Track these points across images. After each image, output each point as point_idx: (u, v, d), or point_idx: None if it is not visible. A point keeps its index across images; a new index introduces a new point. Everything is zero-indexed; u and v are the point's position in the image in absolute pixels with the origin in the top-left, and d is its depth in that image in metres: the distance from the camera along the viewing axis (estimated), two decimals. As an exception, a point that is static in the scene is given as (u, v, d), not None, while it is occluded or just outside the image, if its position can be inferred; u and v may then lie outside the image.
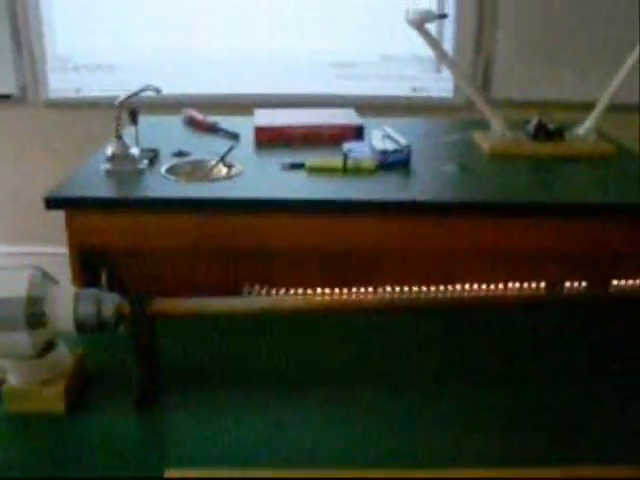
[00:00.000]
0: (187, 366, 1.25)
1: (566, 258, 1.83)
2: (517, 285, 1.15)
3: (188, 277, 1.70)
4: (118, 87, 2.47)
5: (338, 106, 2.50)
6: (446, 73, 3.29)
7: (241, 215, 1.74)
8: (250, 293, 1.15)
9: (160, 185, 1.85)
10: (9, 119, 3.24)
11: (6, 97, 3.19)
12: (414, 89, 3.34)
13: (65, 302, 1.11)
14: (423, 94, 3.32)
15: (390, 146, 2.00)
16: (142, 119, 2.08)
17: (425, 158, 2.07)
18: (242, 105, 2.58)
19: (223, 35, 3.18)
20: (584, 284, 1.15)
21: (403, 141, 2.01)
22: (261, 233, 1.72)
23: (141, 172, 1.91)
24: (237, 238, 1.72)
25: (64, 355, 1.17)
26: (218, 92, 3.08)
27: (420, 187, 1.91)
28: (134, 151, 1.93)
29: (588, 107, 2.28)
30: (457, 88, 3.20)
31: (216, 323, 1.29)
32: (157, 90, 1.91)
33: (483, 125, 2.29)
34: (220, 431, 1.09)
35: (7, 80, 3.17)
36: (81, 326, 1.10)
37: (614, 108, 2.24)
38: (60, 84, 3.22)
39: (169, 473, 0.99)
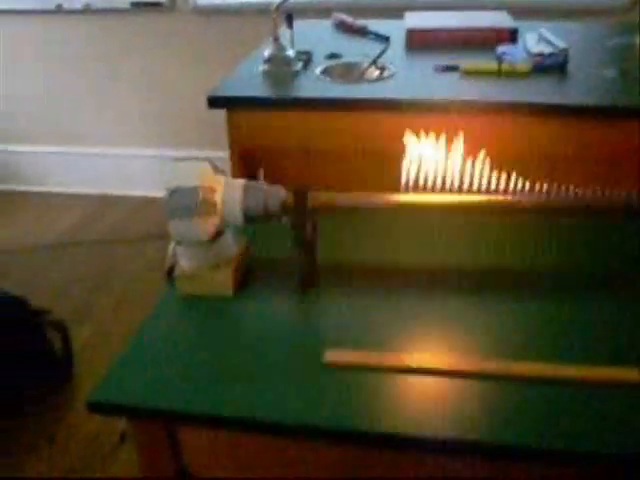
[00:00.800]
0: (344, 258, 1.31)
1: None
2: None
3: (345, 177, 1.74)
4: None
5: (491, 9, 2.44)
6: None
7: (396, 115, 1.76)
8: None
9: (317, 86, 1.90)
10: (159, 27, 3.33)
11: (156, 5, 3.27)
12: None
13: (235, 193, 1.17)
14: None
15: (546, 49, 1.95)
16: (298, 23, 2.09)
17: (583, 62, 2.01)
18: (391, 9, 2.56)
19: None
20: None
21: (560, 44, 1.95)
22: (418, 132, 1.74)
23: (297, 73, 1.95)
24: (393, 139, 1.74)
25: (231, 243, 1.24)
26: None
27: (577, 91, 1.86)
28: (290, 53, 1.97)
29: None
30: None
31: (373, 217, 1.33)
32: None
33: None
34: (371, 318, 1.14)
35: None
36: (248, 216, 1.17)
37: None
38: None
39: (329, 355, 1.06)
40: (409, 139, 1.22)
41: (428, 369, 1.03)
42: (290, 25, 1.99)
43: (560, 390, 0.96)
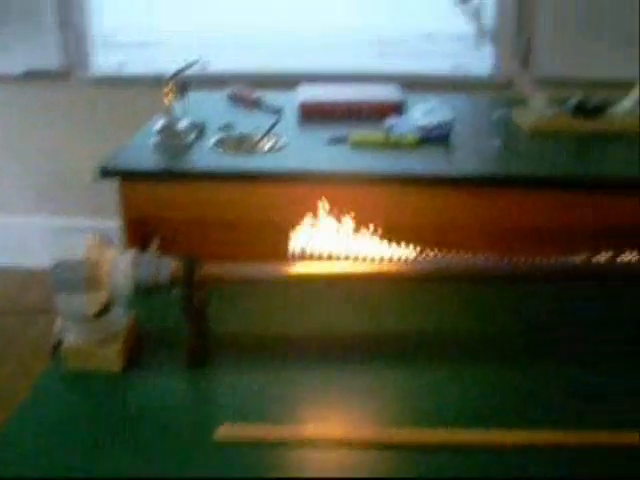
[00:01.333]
0: (237, 329, 1.30)
1: (608, 233, 1.85)
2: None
3: (238, 248, 1.75)
4: (162, 64, 2.51)
5: (383, 80, 2.54)
6: (486, 51, 3.29)
7: (286, 187, 1.79)
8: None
9: (209, 157, 1.91)
10: (54, 96, 3.29)
11: (50, 74, 3.22)
12: (455, 67, 3.35)
13: (123, 265, 1.16)
14: (463, 72, 3.32)
15: (433, 121, 2.02)
16: (191, 95, 2.08)
17: (469, 133, 2.10)
18: (286, 82, 2.62)
19: (266, 12, 3.21)
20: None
21: (446, 116, 2.04)
22: (309, 204, 1.77)
23: (189, 145, 1.96)
24: (285, 209, 1.77)
25: (120, 317, 1.23)
26: (262, 69, 3.12)
27: (462, 161, 1.94)
28: (182, 124, 1.98)
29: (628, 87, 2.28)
30: (497, 66, 3.21)
31: (266, 288, 1.34)
32: (205, 65, 1.95)
33: (522, 103, 2.30)
34: (267, 392, 1.14)
35: (52, 57, 3.19)
36: (138, 289, 1.16)
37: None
38: (104, 61, 3.25)
39: (221, 430, 1.04)
40: (300, 211, 1.24)
41: (326, 441, 1.02)
42: (184, 95, 2.01)
43: (464, 457, 0.98)
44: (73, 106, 3.28)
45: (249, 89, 2.46)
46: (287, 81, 2.61)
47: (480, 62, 3.30)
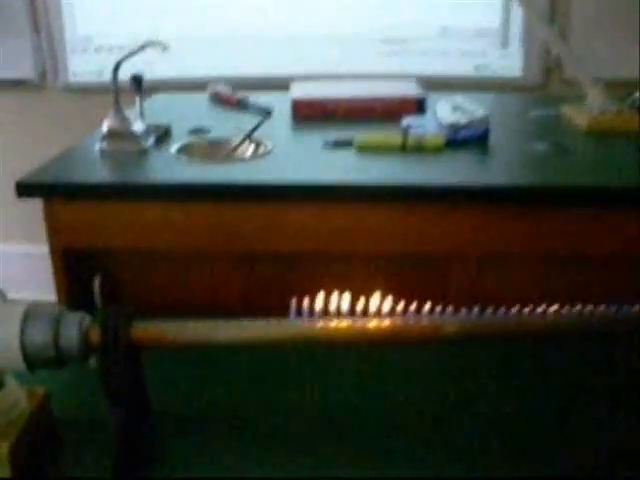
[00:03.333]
0: (188, 410, 0.86)
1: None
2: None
3: (201, 285, 1.29)
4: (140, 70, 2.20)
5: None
6: (513, 48, 2.87)
7: (270, 204, 1.33)
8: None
9: (167, 167, 1.44)
10: (28, 105, 2.98)
11: (24, 82, 2.91)
12: (477, 67, 2.91)
13: (10, 325, 0.76)
14: (488, 73, 2.89)
15: (462, 119, 1.57)
16: (163, 97, 1.84)
17: (506, 134, 1.64)
18: (285, 87, 2.18)
19: (263, 12, 2.80)
20: None
21: (479, 112, 1.58)
22: (296, 228, 1.30)
23: (144, 152, 1.51)
24: (264, 234, 1.31)
25: (15, 399, 0.82)
26: (257, 73, 2.69)
27: (502, 169, 1.47)
28: (137, 127, 1.53)
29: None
30: (527, 66, 2.77)
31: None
32: (164, 47, 1.50)
33: (571, 100, 1.85)
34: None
35: (25, 64, 2.90)
36: (32, 359, 0.76)
37: None
38: (80, 68, 2.93)
39: None
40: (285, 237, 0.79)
41: None
42: (139, 90, 1.56)
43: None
44: (47, 114, 2.95)
45: (231, 88, 2.02)
46: (285, 87, 2.17)
47: (505, 61, 2.87)
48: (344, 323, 0.77)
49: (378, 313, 0.75)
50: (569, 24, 2.69)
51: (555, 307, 0.75)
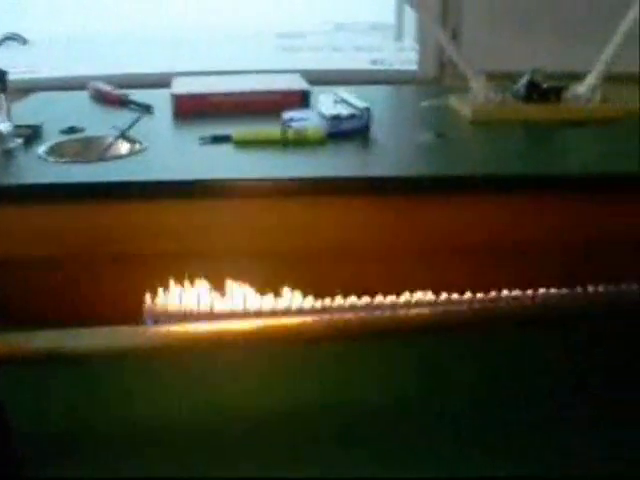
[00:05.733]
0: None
1: (576, 249, 1.40)
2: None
3: (57, 297, 1.21)
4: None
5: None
6: (409, 42, 2.88)
7: (141, 203, 1.26)
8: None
9: (31, 169, 1.36)
10: None
11: None
12: (374, 61, 2.90)
13: None
14: (384, 67, 2.88)
15: (344, 111, 1.53)
16: (41, 96, 1.80)
17: (390, 126, 1.61)
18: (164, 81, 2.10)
19: (151, 7, 2.72)
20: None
21: (361, 104, 1.55)
22: (163, 227, 1.25)
23: (9, 153, 1.42)
24: (135, 236, 1.25)
25: None
26: (144, 71, 2.61)
27: (384, 160, 1.44)
28: (1, 127, 1.44)
29: (571, 78, 1.84)
30: (423, 60, 2.77)
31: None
32: (23, 40, 1.41)
33: (460, 91, 1.83)
34: None
35: None
36: None
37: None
38: None
39: None
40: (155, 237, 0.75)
41: None
42: (3, 87, 1.47)
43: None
44: None
45: (113, 86, 1.94)
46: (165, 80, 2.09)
47: (402, 55, 2.87)
48: (207, 326, 0.73)
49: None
50: (461, 19, 2.70)
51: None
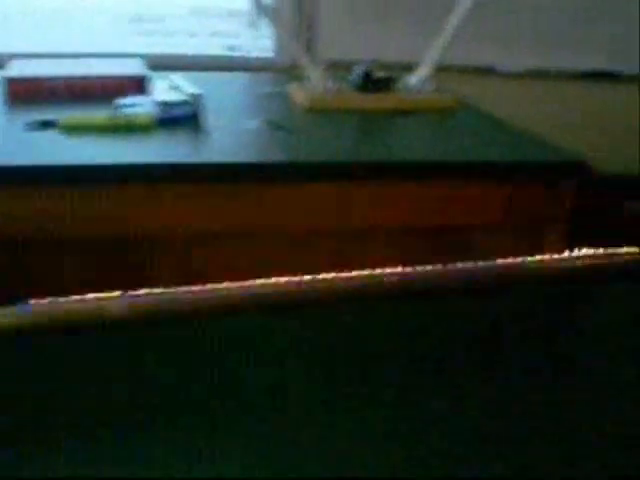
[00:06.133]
0: None
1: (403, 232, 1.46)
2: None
3: None
4: None
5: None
6: (266, 30, 2.88)
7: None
8: None
9: None
10: None
11: None
12: (230, 48, 2.90)
13: None
14: (240, 53, 2.88)
15: (175, 97, 1.54)
16: None
17: (225, 113, 1.63)
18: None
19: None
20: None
21: (193, 90, 1.56)
22: None
23: None
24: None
25: None
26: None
27: (213, 147, 1.46)
28: None
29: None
30: (279, 47, 2.79)
31: None
32: None
33: (298, 79, 1.87)
34: None
35: None
36: None
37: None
38: None
39: None
40: None
41: None
42: None
43: None
44: None
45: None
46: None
47: (258, 43, 2.87)
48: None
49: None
50: (318, 7, 2.74)
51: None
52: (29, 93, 1.69)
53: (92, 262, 1.33)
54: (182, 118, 1.51)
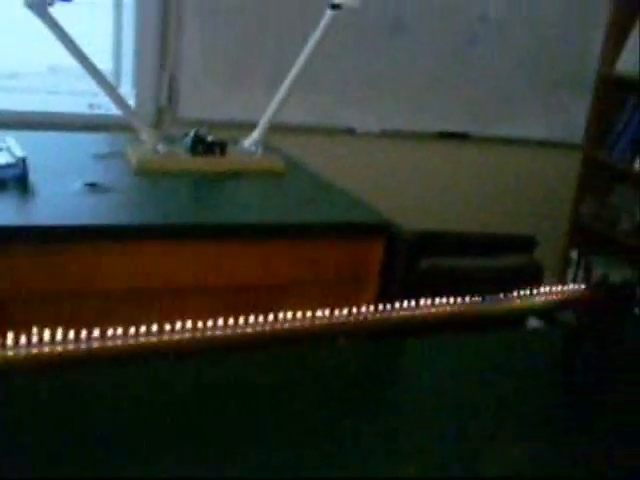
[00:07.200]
0: None
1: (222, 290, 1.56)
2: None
3: None
4: None
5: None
6: (126, 89, 2.96)
7: None
8: None
9: None
10: None
11: None
12: (91, 105, 2.96)
13: None
14: (101, 111, 2.95)
15: (6, 159, 1.61)
16: None
17: (54, 175, 1.70)
18: None
19: None
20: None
21: (19, 153, 1.63)
22: None
23: None
24: None
25: None
26: None
27: (31, 210, 1.54)
28: None
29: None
30: (140, 105, 2.88)
31: None
32: None
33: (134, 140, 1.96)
34: None
35: None
36: None
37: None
38: None
39: None
40: None
41: None
42: None
43: None
44: None
45: None
46: None
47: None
48: None
49: None
50: (180, 64, 2.85)
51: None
52: None
53: None
54: (10, 180, 1.58)
